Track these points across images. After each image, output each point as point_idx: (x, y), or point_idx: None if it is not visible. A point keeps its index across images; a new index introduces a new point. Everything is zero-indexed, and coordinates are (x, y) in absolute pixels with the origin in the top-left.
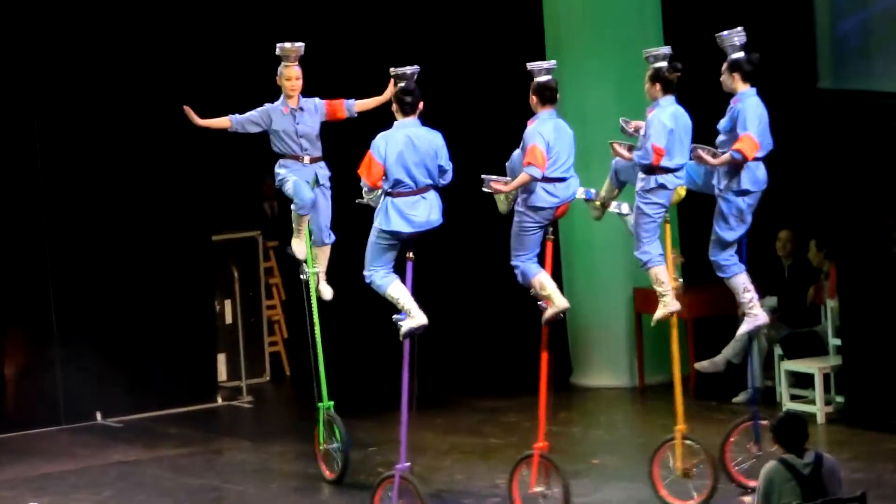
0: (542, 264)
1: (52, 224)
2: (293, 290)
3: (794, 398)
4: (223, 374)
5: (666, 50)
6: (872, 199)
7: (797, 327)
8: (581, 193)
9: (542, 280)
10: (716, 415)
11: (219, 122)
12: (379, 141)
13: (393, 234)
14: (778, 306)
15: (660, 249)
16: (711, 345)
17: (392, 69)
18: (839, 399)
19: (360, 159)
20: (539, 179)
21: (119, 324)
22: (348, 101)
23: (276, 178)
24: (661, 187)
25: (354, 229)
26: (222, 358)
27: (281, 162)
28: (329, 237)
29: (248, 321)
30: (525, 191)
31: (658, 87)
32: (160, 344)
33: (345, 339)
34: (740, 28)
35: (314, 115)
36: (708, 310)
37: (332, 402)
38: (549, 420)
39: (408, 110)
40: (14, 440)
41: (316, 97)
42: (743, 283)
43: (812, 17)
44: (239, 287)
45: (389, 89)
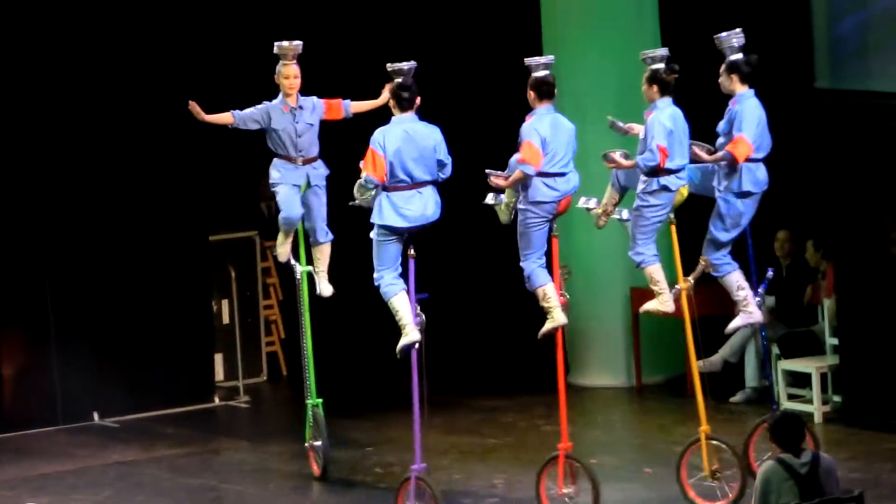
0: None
1: (49, 224)
2: (290, 290)
3: (792, 397)
4: (220, 374)
5: (663, 51)
6: (870, 199)
7: (794, 327)
8: (582, 203)
9: (546, 291)
10: (714, 414)
11: (222, 117)
12: (378, 135)
13: (388, 228)
14: (776, 306)
15: (654, 250)
16: (709, 344)
17: (389, 65)
18: (836, 398)
19: (357, 157)
20: (532, 176)
21: (116, 324)
22: (345, 101)
23: (269, 180)
24: (664, 189)
25: (353, 230)
26: (219, 358)
27: (275, 162)
28: (326, 235)
29: (246, 321)
30: (524, 187)
31: (655, 88)
32: (157, 344)
33: (344, 339)
34: (739, 29)
35: (313, 113)
36: (706, 309)
37: (320, 400)
38: (548, 420)
39: (405, 106)
40: (12, 440)
41: (314, 96)
42: (737, 280)
43: (809, 17)
44: (236, 287)
45: (385, 94)
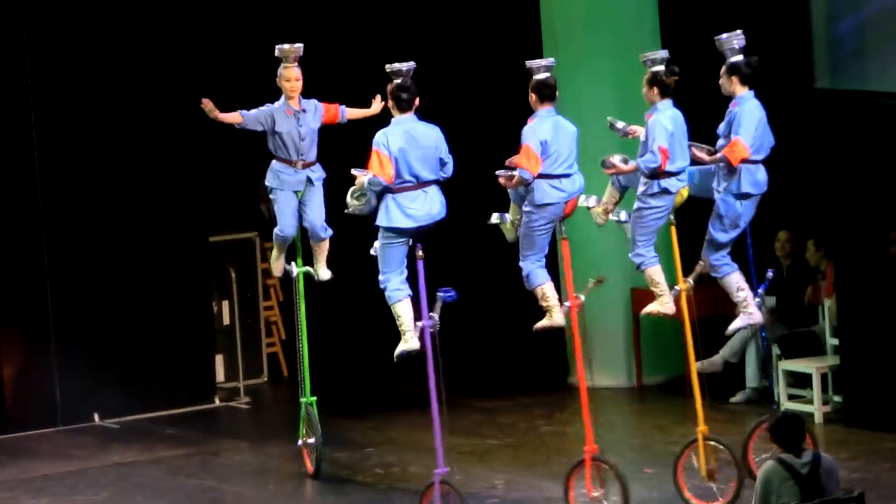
0: (554, 265)
1: (49, 225)
2: (290, 290)
3: (792, 398)
4: (221, 375)
5: (663, 53)
6: (869, 199)
7: (795, 327)
8: (582, 201)
9: (545, 291)
10: (713, 415)
11: (231, 116)
12: (380, 137)
13: (396, 230)
14: (776, 306)
15: (654, 251)
16: (709, 345)
17: (388, 66)
18: (837, 399)
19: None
20: (529, 182)
21: (116, 325)
22: (342, 106)
23: (266, 183)
24: (665, 192)
25: (352, 230)
26: (220, 359)
27: (273, 165)
28: (325, 231)
29: (246, 322)
30: (528, 191)
31: (656, 90)
32: (157, 345)
33: (343, 340)
34: (739, 31)
35: (315, 116)
36: (707, 310)
37: (314, 398)
38: (547, 421)
39: (404, 107)
40: (11, 441)
41: (314, 98)
42: (736, 282)
43: (809, 17)
44: (236, 288)
45: (375, 105)
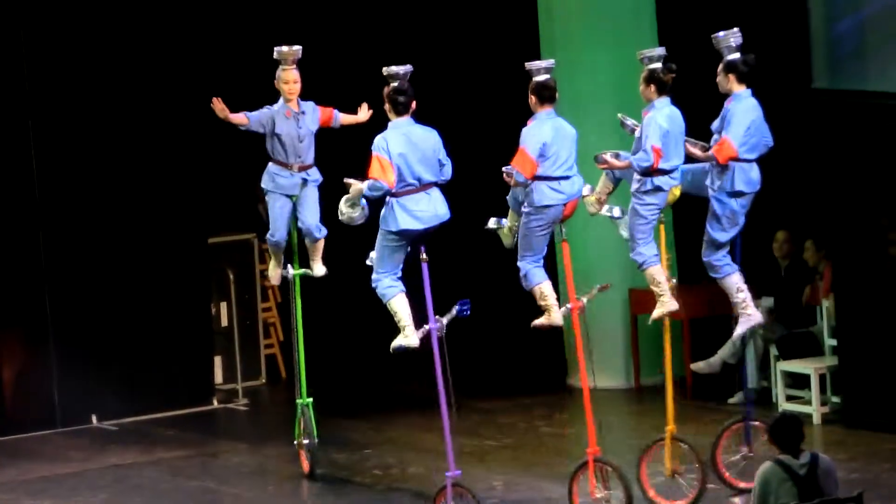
0: (553, 266)
1: (47, 227)
2: (288, 292)
3: (791, 399)
4: (219, 377)
5: (661, 51)
6: (868, 200)
7: (793, 328)
8: None
9: (543, 290)
10: (712, 416)
11: (238, 117)
12: (380, 141)
13: (403, 233)
14: (774, 307)
15: (655, 250)
16: (707, 345)
17: (384, 69)
18: (835, 399)
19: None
20: (523, 184)
21: (115, 327)
22: (336, 111)
23: (262, 185)
24: (657, 189)
25: (349, 232)
26: (218, 360)
27: (269, 168)
28: (319, 231)
29: (244, 324)
30: (527, 193)
31: (653, 88)
32: (156, 347)
33: (341, 340)
34: (736, 29)
35: (313, 117)
36: (704, 310)
37: (310, 399)
38: (547, 422)
39: (401, 110)
40: (10, 443)
41: (311, 101)
42: (736, 283)
43: (807, 17)
44: (234, 289)
45: (363, 113)
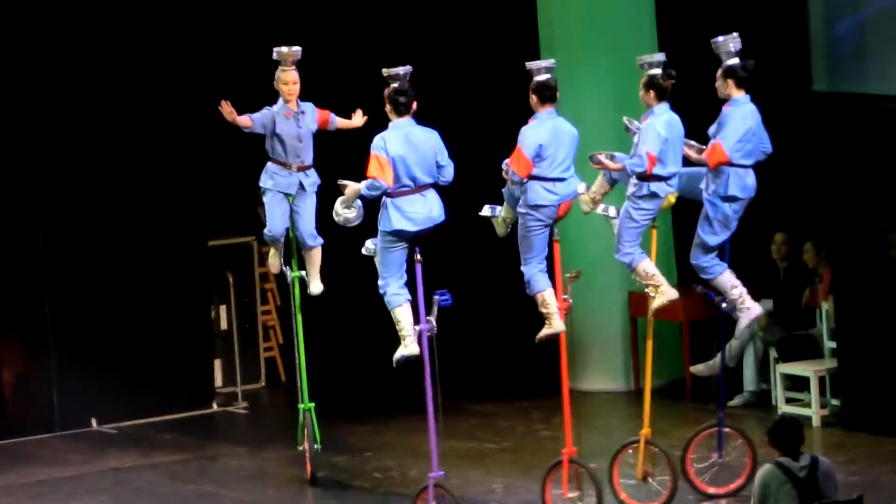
0: (552, 266)
1: (47, 230)
2: (288, 295)
3: (790, 401)
4: (219, 380)
5: (660, 57)
6: (867, 202)
7: (793, 330)
8: None
9: (545, 297)
10: (711, 419)
11: (243, 120)
12: (379, 141)
13: (397, 233)
14: (774, 309)
15: (639, 248)
16: (706, 347)
17: (384, 70)
18: (835, 402)
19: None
20: (518, 183)
21: (114, 330)
22: (333, 115)
23: (260, 184)
24: (653, 195)
25: (349, 236)
26: (218, 364)
27: (268, 167)
28: (315, 240)
29: (244, 327)
30: (523, 192)
31: (652, 94)
32: (156, 350)
33: (341, 344)
34: (735, 34)
35: (312, 118)
36: (703, 312)
37: (312, 404)
38: (546, 425)
39: (402, 111)
40: (9, 447)
41: (310, 101)
42: (729, 280)
43: (806, 19)
44: (234, 292)
45: (357, 118)
